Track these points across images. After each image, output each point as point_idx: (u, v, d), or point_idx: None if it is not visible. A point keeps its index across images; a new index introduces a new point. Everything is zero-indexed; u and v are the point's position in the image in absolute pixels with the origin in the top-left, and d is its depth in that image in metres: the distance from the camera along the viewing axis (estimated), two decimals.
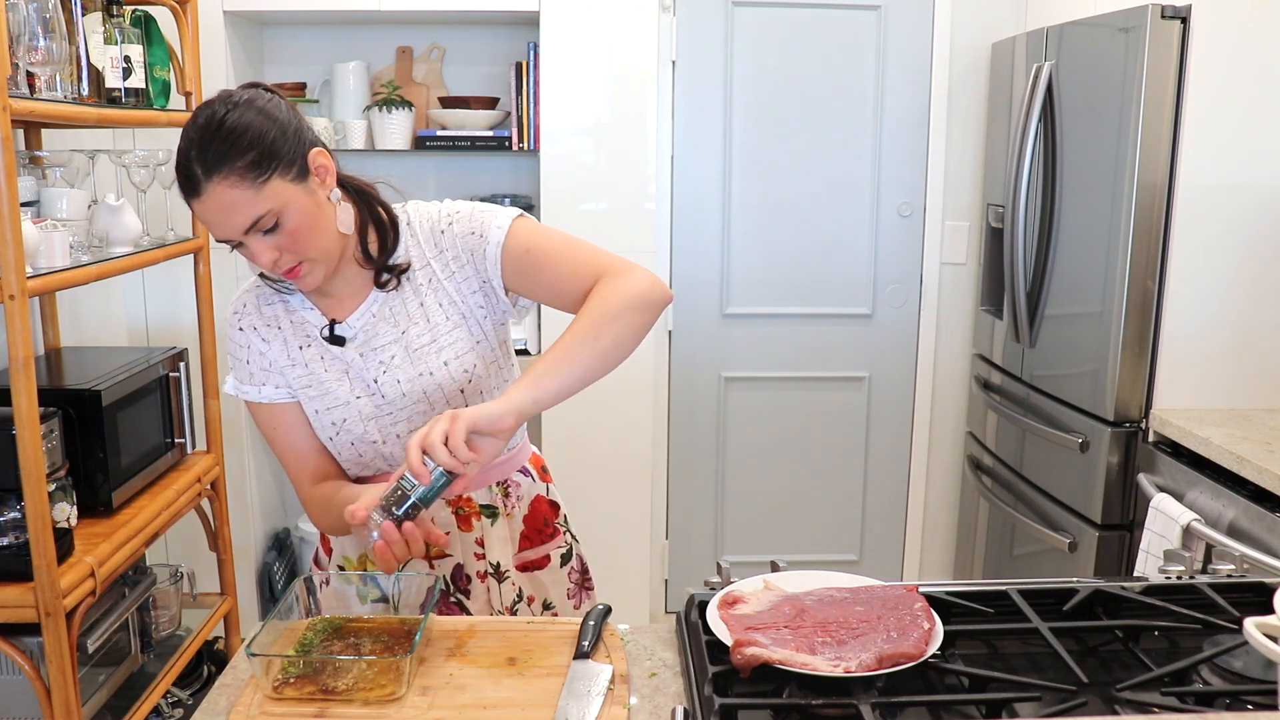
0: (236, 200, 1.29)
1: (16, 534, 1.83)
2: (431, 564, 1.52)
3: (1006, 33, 3.16)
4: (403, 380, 1.45)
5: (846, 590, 1.27)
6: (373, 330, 1.46)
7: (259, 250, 1.33)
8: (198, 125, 1.31)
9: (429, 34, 3.25)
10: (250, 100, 1.34)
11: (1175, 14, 2.32)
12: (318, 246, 1.37)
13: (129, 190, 2.35)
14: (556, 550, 1.63)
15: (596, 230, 3.06)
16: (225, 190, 1.29)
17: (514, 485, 1.59)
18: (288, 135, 1.34)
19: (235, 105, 1.33)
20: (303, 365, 1.46)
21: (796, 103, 3.30)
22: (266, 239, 1.33)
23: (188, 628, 2.53)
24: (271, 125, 1.33)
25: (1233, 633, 1.20)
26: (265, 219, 1.31)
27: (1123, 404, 2.50)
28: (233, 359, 1.51)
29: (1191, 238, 2.39)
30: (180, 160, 1.31)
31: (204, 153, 1.29)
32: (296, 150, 1.34)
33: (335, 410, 1.46)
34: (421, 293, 1.46)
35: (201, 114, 1.33)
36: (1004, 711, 1.07)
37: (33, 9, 1.82)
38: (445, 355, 1.45)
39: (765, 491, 3.53)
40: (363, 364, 1.45)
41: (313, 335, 1.47)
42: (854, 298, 3.43)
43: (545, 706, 1.13)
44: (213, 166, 1.29)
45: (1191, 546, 2.13)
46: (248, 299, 1.51)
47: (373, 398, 1.46)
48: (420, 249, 1.47)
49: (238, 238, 1.33)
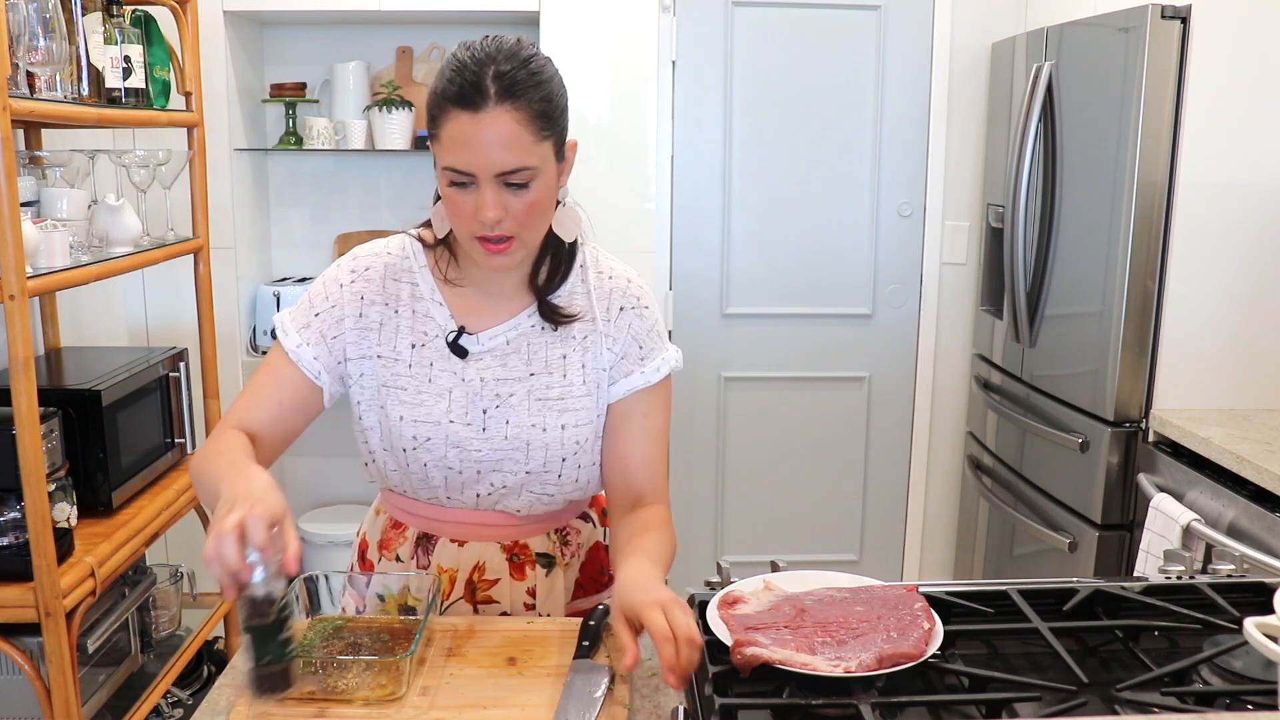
0: (515, 137, 1.18)
1: (16, 534, 1.83)
2: (476, 609, 1.40)
3: (1006, 33, 3.16)
4: (512, 423, 1.33)
5: (846, 590, 1.27)
6: (502, 357, 1.34)
7: (490, 200, 1.20)
8: (502, 46, 1.21)
9: (429, 34, 3.25)
10: (549, 59, 1.27)
11: (1175, 14, 2.32)
12: (537, 230, 1.28)
13: (129, 190, 2.35)
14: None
15: (597, 231, 3.06)
16: (510, 122, 1.18)
17: (574, 532, 1.46)
18: (565, 109, 1.27)
19: (545, 58, 1.25)
20: (406, 365, 1.33)
21: (796, 103, 3.30)
22: (505, 193, 1.21)
23: (188, 628, 2.53)
24: (563, 90, 1.26)
25: (1233, 633, 1.20)
26: (525, 173, 1.20)
27: (1123, 404, 2.50)
28: (307, 301, 1.35)
29: (1191, 238, 2.39)
30: (471, 68, 1.19)
31: (508, 73, 1.18)
32: (566, 128, 1.28)
33: (423, 426, 1.33)
34: (569, 345, 1.35)
35: (506, 40, 1.23)
36: (1004, 711, 1.07)
37: (33, 9, 1.82)
38: (567, 419, 1.34)
39: (765, 491, 3.53)
40: (479, 389, 1.33)
41: (432, 335, 1.34)
42: (854, 298, 3.43)
43: (545, 706, 1.13)
44: (512, 92, 1.18)
45: (1191, 546, 2.12)
46: (375, 264, 1.36)
47: (470, 426, 1.33)
48: (589, 302, 1.36)
49: (486, 175, 1.19)
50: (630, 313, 1.37)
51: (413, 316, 1.35)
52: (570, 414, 1.34)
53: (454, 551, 1.40)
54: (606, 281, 1.38)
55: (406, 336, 1.34)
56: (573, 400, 1.34)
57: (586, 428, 1.36)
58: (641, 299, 1.39)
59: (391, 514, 1.46)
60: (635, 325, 1.37)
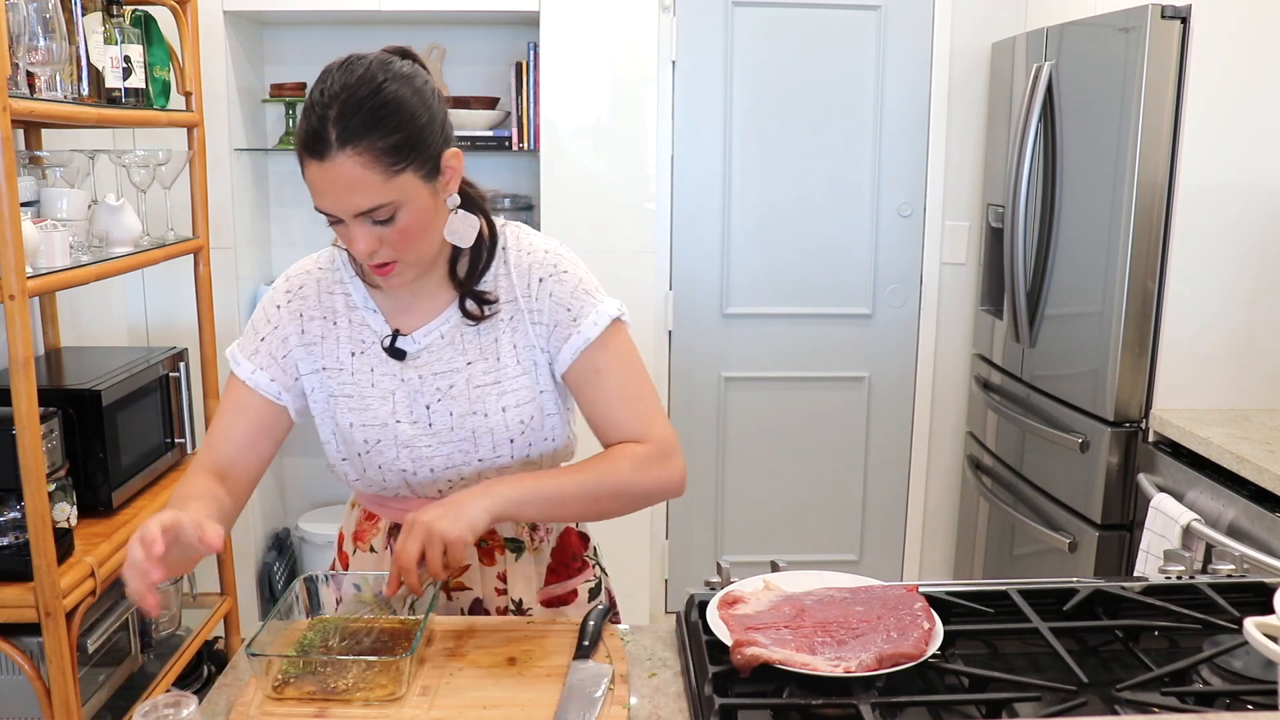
0: (362, 181, 1.18)
1: (16, 534, 1.83)
2: (450, 596, 1.42)
3: (1006, 33, 3.16)
4: (456, 414, 1.34)
5: (846, 590, 1.27)
6: (437, 352, 1.36)
7: (359, 237, 1.22)
8: (349, 83, 1.18)
9: (429, 34, 3.25)
10: (410, 76, 1.23)
11: (1175, 14, 2.32)
12: (420, 250, 1.27)
13: (129, 190, 2.35)
14: (584, 585, 1.50)
15: (597, 230, 3.07)
16: (355, 166, 1.17)
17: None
18: (434, 127, 1.23)
19: (395, 77, 1.21)
20: (349, 373, 1.36)
21: (796, 103, 3.30)
22: (373, 229, 1.22)
23: (188, 628, 2.52)
24: (424, 111, 1.22)
25: (1233, 633, 1.20)
26: (384, 209, 1.20)
27: (1123, 404, 2.50)
28: (251, 329, 1.39)
29: (1191, 238, 2.39)
30: (314, 114, 1.18)
31: (349, 116, 1.17)
32: (436, 146, 1.24)
33: (371, 429, 1.35)
34: (498, 328, 1.36)
35: (357, 69, 1.20)
36: (1004, 711, 1.07)
37: (33, 9, 1.82)
38: (505, 401, 1.35)
39: (765, 491, 3.53)
40: (419, 386, 1.35)
41: (369, 343, 1.36)
42: (854, 298, 3.43)
43: (545, 706, 1.13)
44: (353, 135, 1.17)
45: (1191, 546, 2.12)
46: (308, 281, 1.39)
47: (416, 424, 1.35)
48: (510, 282, 1.36)
49: (345, 217, 1.21)
50: (550, 281, 1.36)
51: (350, 325, 1.37)
52: (509, 395, 1.35)
53: None
54: (525, 257, 1.37)
55: (346, 345, 1.37)
56: (509, 382, 1.35)
57: (528, 406, 1.36)
58: (559, 265, 1.37)
59: (365, 507, 1.49)
60: (556, 291, 1.36)
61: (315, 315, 1.37)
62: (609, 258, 3.08)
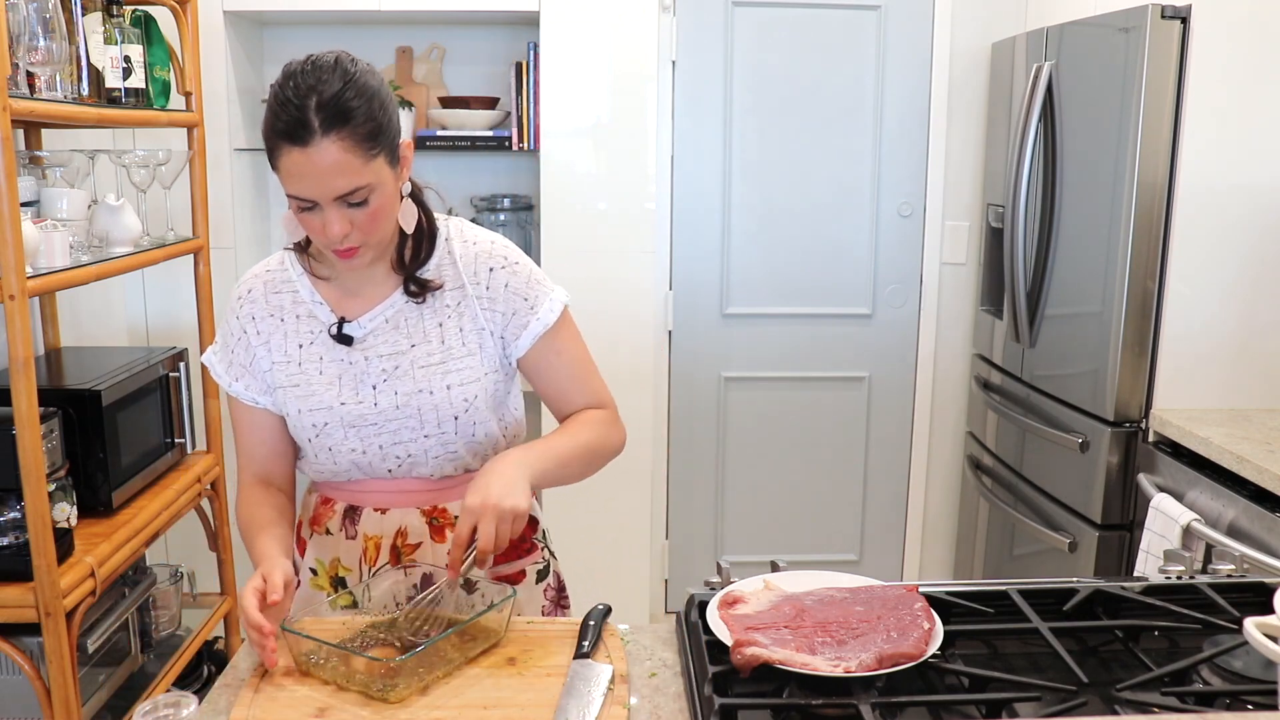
0: (345, 164, 1.26)
1: (16, 534, 1.83)
2: (405, 571, 1.45)
3: (1006, 33, 3.16)
4: (400, 393, 1.41)
5: (846, 590, 1.27)
6: (383, 335, 1.43)
7: (334, 219, 1.29)
8: (322, 75, 1.26)
9: (429, 34, 3.25)
10: (371, 70, 1.32)
11: (1175, 14, 2.32)
12: (383, 233, 1.35)
13: (129, 190, 2.35)
14: (532, 566, 1.57)
15: (597, 230, 3.07)
16: (338, 151, 1.25)
17: None
18: (395, 116, 1.34)
19: (363, 70, 1.30)
20: (296, 364, 1.43)
21: (796, 103, 3.30)
22: (347, 211, 1.29)
23: (188, 628, 2.53)
24: (389, 101, 1.32)
25: (1233, 633, 1.20)
26: (360, 192, 1.28)
27: (1123, 404, 2.50)
28: (220, 337, 1.50)
29: (1191, 238, 2.39)
30: (294, 103, 1.25)
31: (331, 103, 1.24)
32: (396, 133, 1.33)
33: (318, 413, 1.42)
34: (443, 314, 1.43)
35: (326, 62, 1.28)
36: (1004, 711, 1.07)
37: (33, 9, 1.82)
38: (451, 379, 1.42)
39: (765, 491, 3.53)
40: (365, 368, 1.42)
41: (318, 333, 1.44)
42: (854, 298, 3.43)
43: (545, 706, 1.13)
44: (336, 121, 1.24)
45: (1191, 546, 2.13)
46: (255, 284, 1.47)
47: (361, 405, 1.42)
48: (456, 270, 1.44)
49: (324, 201, 1.28)
50: (502, 272, 1.45)
51: (297, 320, 1.45)
52: (454, 374, 1.43)
53: (377, 520, 1.49)
54: (471, 248, 1.46)
55: (294, 339, 1.45)
56: (454, 362, 1.43)
57: (474, 385, 1.43)
58: (509, 257, 1.47)
59: (322, 492, 1.55)
60: (512, 282, 1.45)
61: (264, 314, 1.46)
62: (609, 258, 3.08)
